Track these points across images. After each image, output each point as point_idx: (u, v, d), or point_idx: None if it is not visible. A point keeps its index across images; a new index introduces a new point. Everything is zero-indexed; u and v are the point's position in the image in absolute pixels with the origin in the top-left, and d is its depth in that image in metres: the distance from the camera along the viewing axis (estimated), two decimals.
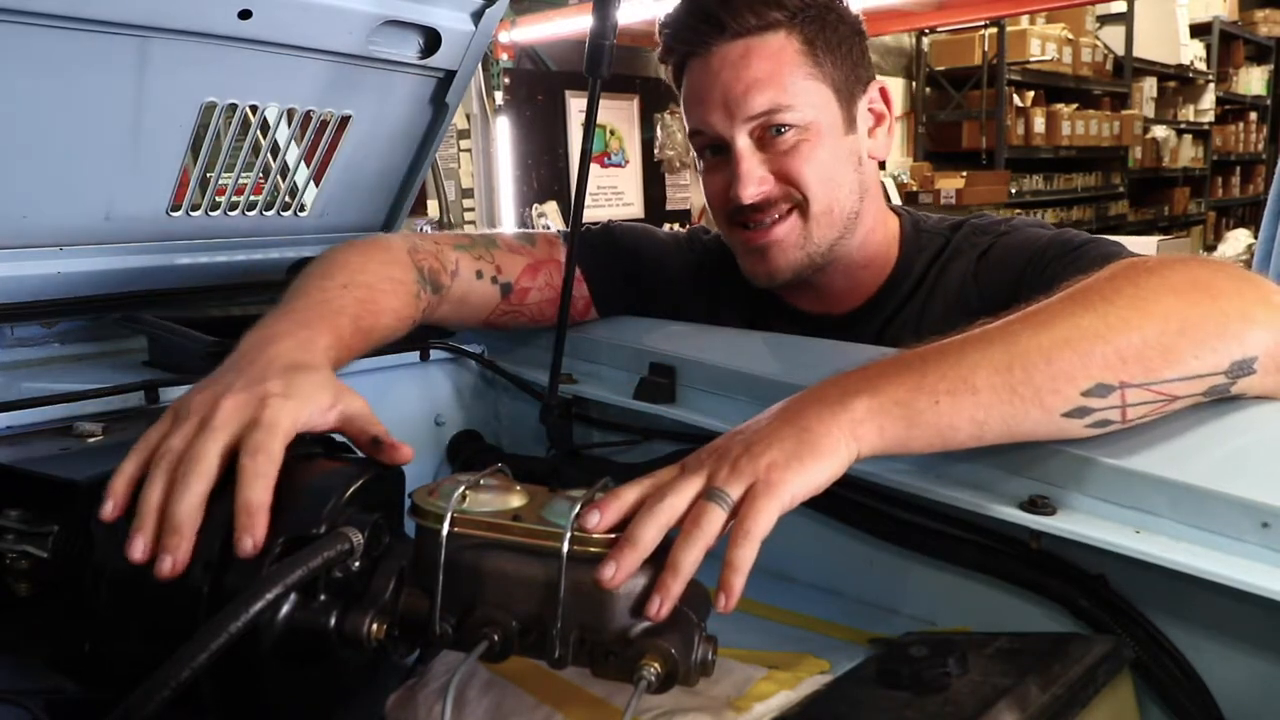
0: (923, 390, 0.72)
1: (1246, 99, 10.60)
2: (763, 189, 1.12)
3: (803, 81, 1.11)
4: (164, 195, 1.26)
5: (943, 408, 0.72)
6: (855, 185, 1.17)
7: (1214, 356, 0.73)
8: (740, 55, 1.10)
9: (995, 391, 0.72)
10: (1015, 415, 0.72)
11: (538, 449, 1.22)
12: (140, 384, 1.04)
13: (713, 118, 1.12)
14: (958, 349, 0.75)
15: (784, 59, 1.11)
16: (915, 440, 0.73)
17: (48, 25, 1.03)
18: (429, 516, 0.69)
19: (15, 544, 0.78)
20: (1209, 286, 0.76)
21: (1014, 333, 0.74)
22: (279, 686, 0.70)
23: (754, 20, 1.10)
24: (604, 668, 0.67)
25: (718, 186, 1.16)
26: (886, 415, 0.72)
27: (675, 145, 6.65)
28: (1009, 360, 0.72)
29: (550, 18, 5.82)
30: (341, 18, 1.23)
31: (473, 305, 1.19)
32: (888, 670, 0.67)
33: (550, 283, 1.23)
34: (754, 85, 1.10)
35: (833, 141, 1.14)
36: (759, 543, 0.68)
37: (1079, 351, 0.72)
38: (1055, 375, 0.72)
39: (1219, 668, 0.73)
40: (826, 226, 1.15)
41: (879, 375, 0.74)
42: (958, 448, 0.74)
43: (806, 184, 1.12)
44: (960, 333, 0.77)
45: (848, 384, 0.74)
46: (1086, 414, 0.73)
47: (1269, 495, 0.67)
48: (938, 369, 0.73)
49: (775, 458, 0.70)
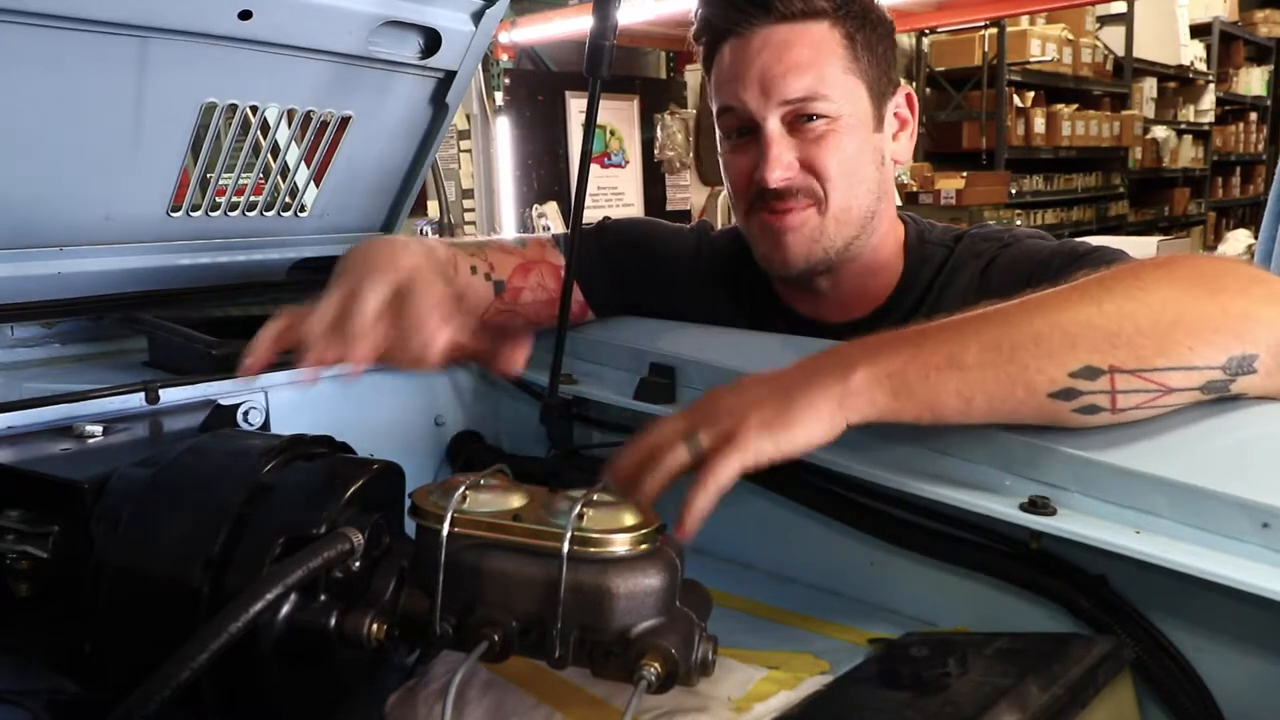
0: (916, 363, 0.76)
1: (1246, 99, 10.59)
2: (788, 174, 1.11)
3: (840, 74, 1.11)
4: (164, 195, 1.26)
5: (932, 381, 0.75)
6: (875, 184, 1.17)
7: (1210, 350, 0.73)
8: (783, 39, 1.10)
9: (983, 369, 0.74)
10: (1001, 393, 0.75)
11: (538, 449, 1.22)
12: (140, 384, 1.04)
13: (747, 95, 1.11)
14: (956, 326, 0.78)
15: (825, 49, 1.11)
16: (905, 411, 0.76)
17: (48, 25, 1.03)
18: (429, 516, 0.69)
19: (15, 544, 0.78)
20: (1213, 282, 0.76)
21: (1010, 314, 0.77)
22: (279, 686, 0.70)
23: (801, 6, 1.10)
24: (604, 668, 0.67)
25: (742, 168, 1.15)
26: (880, 386, 0.76)
27: (675, 145, 6.65)
28: (1000, 339, 0.75)
29: (550, 18, 5.83)
30: (341, 18, 1.23)
31: (470, 302, 1.19)
32: (888, 670, 0.67)
33: (542, 284, 1.23)
34: (793, 69, 1.09)
35: (861, 137, 1.14)
36: (716, 493, 0.73)
37: (1069, 334, 0.74)
38: (1043, 355, 0.74)
39: (1219, 668, 0.73)
40: (844, 223, 1.15)
41: (880, 347, 0.78)
42: (947, 421, 0.77)
43: (829, 176, 1.12)
44: (964, 312, 0.79)
45: (850, 354, 0.78)
46: (1074, 396, 0.74)
47: (1269, 495, 0.67)
48: (933, 343, 0.77)
49: (751, 419, 0.75)
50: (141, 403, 1.02)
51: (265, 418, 1.07)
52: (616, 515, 0.68)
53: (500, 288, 1.21)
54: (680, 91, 6.97)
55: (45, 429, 0.96)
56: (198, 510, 0.73)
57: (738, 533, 1.03)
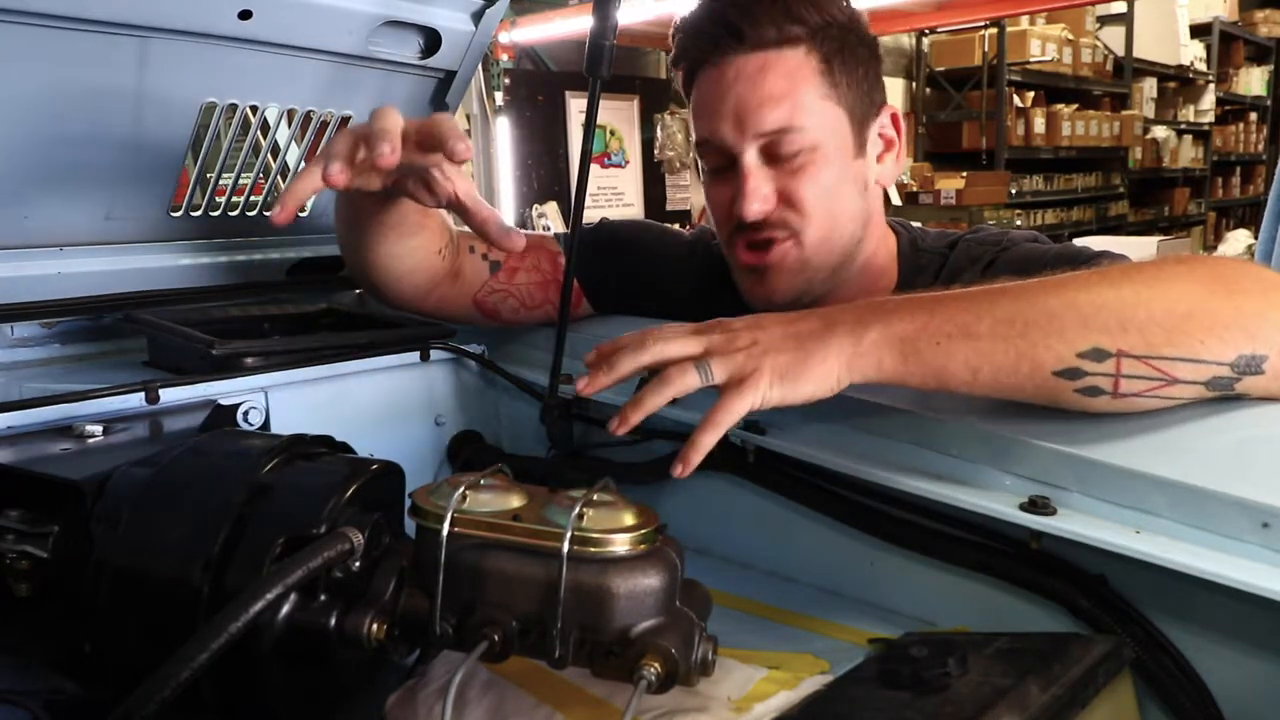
0: (928, 329, 0.76)
1: (1246, 99, 10.60)
2: (766, 207, 1.10)
3: (818, 102, 1.09)
4: (164, 195, 1.26)
5: (942, 349, 0.76)
6: (858, 211, 1.15)
7: (1220, 346, 0.74)
8: (757, 69, 1.08)
9: (994, 340, 0.75)
10: (1008, 365, 0.75)
11: (538, 449, 1.22)
12: (140, 384, 1.04)
13: (722, 129, 1.10)
14: (972, 297, 0.78)
15: (801, 77, 1.08)
16: (911, 376, 0.77)
17: (48, 25, 1.03)
18: (429, 516, 0.69)
19: (15, 544, 0.78)
20: (1230, 281, 0.77)
21: (1028, 290, 0.77)
22: (279, 686, 0.70)
23: (774, 33, 1.07)
24: (604, 668, 0.67)
25: (722, 200, 1.15)
26: (890, 348, 0.77)
27: (675, 145, 6.65)
28: (1014, 313, 0.75)
29: (550, 18, 5.82)
30: (341, 18, 1.23)
31: (465, 280, 1.22)
32: (888, 670, 0.67)
33: (538, 265, 1.24)
34: (768, 101, 1.07)
35: (840, 165, 1.12)
36: (723, 431, 0.77)
37: (1083, 313, 0.74)
38: (1054, 332, 0.74)
39: (1219, 668, 0.73)
40: (825, 254, 1.14)
41: (895, 310, 0.79)
42: (950, 390, 0.78)
43: (808, 209, 1.10)
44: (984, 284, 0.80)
45: (865, 314, 0.79)
46: (1079, 376, 0.74)
47: (1269, 495, 0.67)
48: (947, 311, 0.77)
49: (766, 365, 0.77)
50: (141, 403, 1.02)
51: (265, 418, 1.07)
52: (616, 515, 0.68)
53: (496, 267, 1.23)
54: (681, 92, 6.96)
55: (45, 429, 0.96)
56: (198, 510, 0.73)
57: (738, 533, 1.03)
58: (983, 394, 0.78)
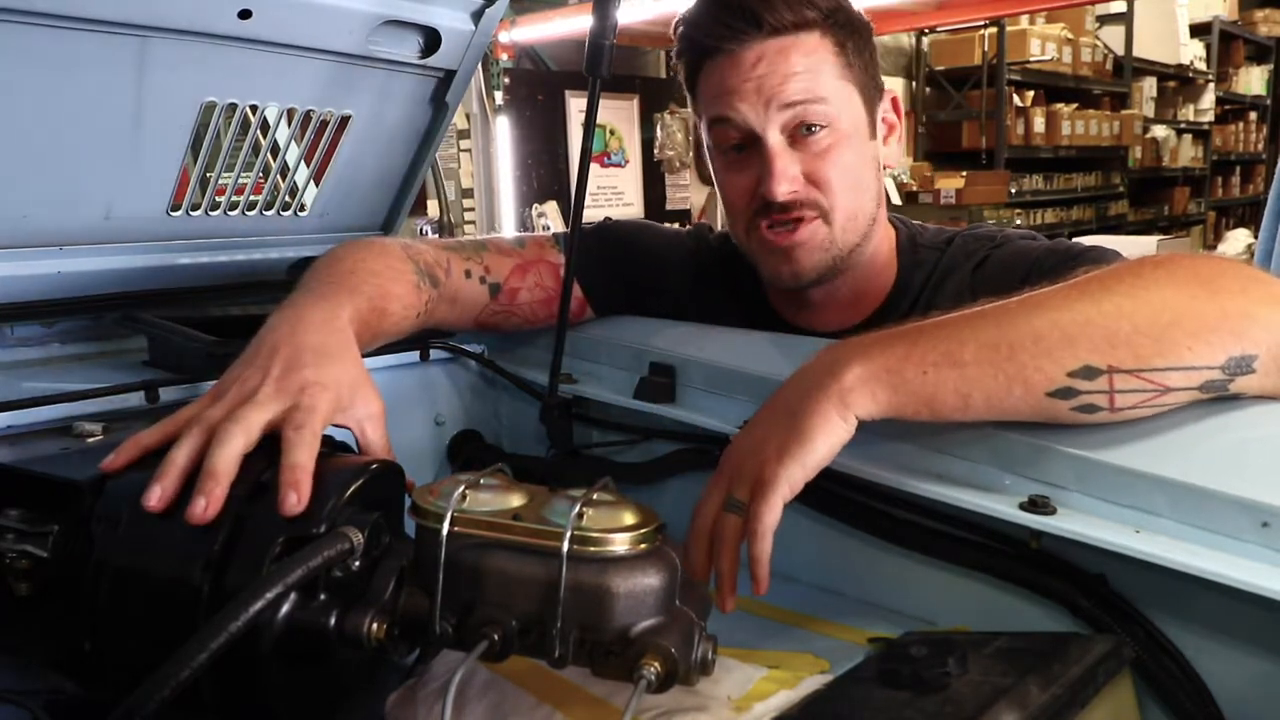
0: (911, 360, 0.76)
1: (1246, 99, 10.60)
2: (795, 187, 1.10)
3: (836, 82, 1.11)
4: (164, 195, 1.26)
5: (930, 378, 0.75)
6: (875, 190, 1.18)
7: (1208, 350, 0.73)
8: (778, 51, 1.09)
9: (981, 366, 0.74)
10: (999, 391, 0.74)
11: (538, 449, 1.22)
12: (140, 384, 1.04)
13: (745, 105, 1.09)
14: (953, 323, 0.78)
15: (819, 58, 1.10)
16: (905, 408, 0.77)
17: (48, 25, 1.03)
18: (429, 516, 0.69)
19: (15, 544, 0.78)
20: (1212, 282, 0.76)
21: (1009, 312, 0.77)
22: (279, 686, 0.70)
23: (791, 18, 1.09)
24: (604, 667, 0.67)
25: (743, 185, 1.14)
26: (877, 382, 0.76)
27: (675, 145, 6.65)
28: (998, 337, 0.75)
29: (550, 18, 5.82)
30: (341, 17, 1.23)
31: (463, 305, 1.18)
32: (888, 670, 0.67)
33: (540, 283, 1.22)
34: (791, 76, 1.09)
35: (859, 145, 1.14)
36: (770, 534, 0.75)
37: (1068, 333, 0.73)
38: (1041, 354, 0.73)
39: (1219, 668, 0.73)
40: (851, 231, 1.15)
41: (874, 344, 0.78)
42: (946, 419, 0.77)
43: (834, 189, 1.12)
44: (961, 309, 0.79)
45: (841, 352, 0.79)
46: (1072, 395, 0.74)
47: (1269, 495, 0.67)
48: (929, 340, 0.77)
49: (769, 454, 0.76)
50: (141, 402, 1.02)
51: None
52: (616, 514, 0.68)
53: (495, 290, 1.20)
54: (680, 91, 6.95)
55: (45, 428, 0.96)
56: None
57: None
58: (979, 419, 0.77)
